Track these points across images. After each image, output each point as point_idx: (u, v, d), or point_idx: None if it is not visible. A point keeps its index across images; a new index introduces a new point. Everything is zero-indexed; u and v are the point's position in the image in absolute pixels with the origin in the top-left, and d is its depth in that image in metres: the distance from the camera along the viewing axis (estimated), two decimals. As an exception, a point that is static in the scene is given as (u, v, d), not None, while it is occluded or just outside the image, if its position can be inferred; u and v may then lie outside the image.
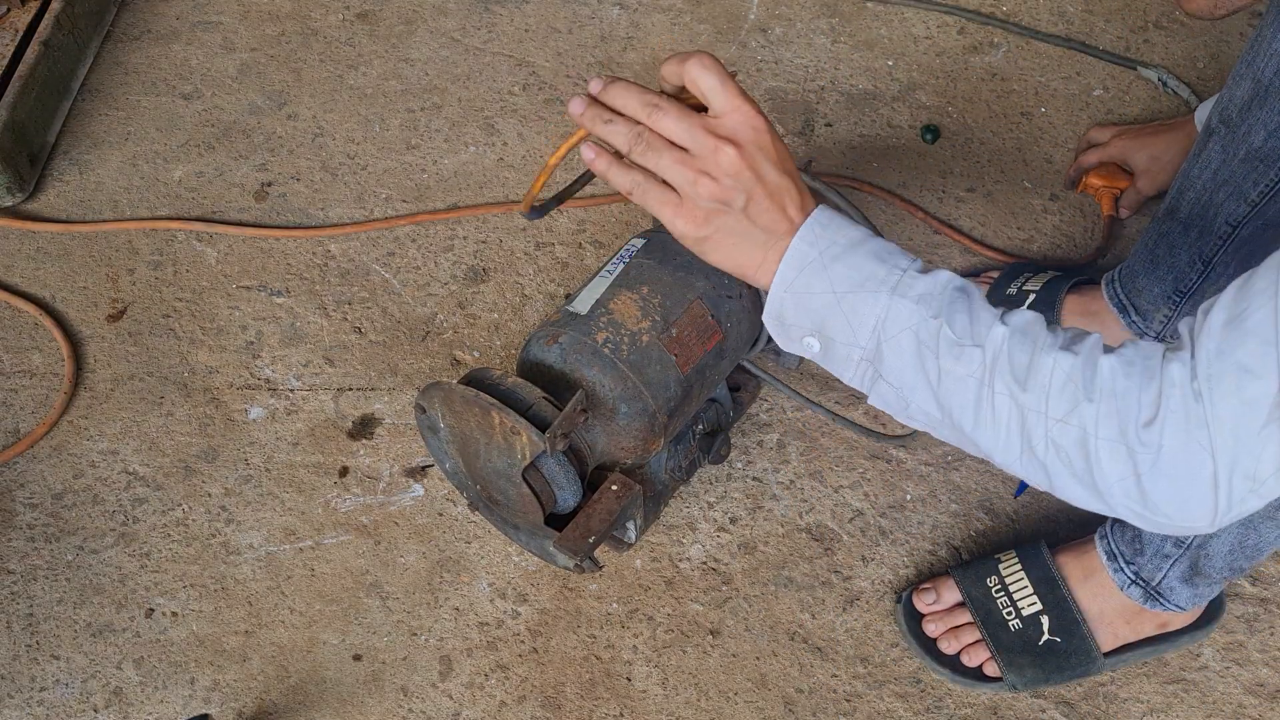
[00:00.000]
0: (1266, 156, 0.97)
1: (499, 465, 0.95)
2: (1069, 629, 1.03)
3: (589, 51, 1.54)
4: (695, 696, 1.07)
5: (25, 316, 1.31)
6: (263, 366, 1.28)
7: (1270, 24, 0.92)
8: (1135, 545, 1.00)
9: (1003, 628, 1.05)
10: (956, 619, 1.07)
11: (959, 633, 1.06)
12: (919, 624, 1.08)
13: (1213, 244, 1.06)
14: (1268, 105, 0.95)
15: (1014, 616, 1.05)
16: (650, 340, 0.99)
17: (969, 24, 1.55)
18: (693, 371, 1.01)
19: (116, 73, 1.54)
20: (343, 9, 1.60)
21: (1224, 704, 1.05)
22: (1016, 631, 1.04)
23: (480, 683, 1.08)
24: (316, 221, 1.39)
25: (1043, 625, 1.03)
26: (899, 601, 1.09)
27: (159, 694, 1.08)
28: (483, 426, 0.94)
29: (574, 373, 0.97)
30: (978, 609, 1.06)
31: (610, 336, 0.98)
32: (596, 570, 1.01)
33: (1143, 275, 1.13)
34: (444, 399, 0.96)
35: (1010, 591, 1.05)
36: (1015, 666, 1.04)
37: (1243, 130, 0.98)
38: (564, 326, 0.99)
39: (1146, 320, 1.16)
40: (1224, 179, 1.02)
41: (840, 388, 1.24)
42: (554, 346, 0.98)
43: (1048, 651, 1.03)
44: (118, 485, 1.19)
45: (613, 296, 1.01)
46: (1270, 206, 1.01)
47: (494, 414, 0.90)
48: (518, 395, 0.94)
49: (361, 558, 1.15)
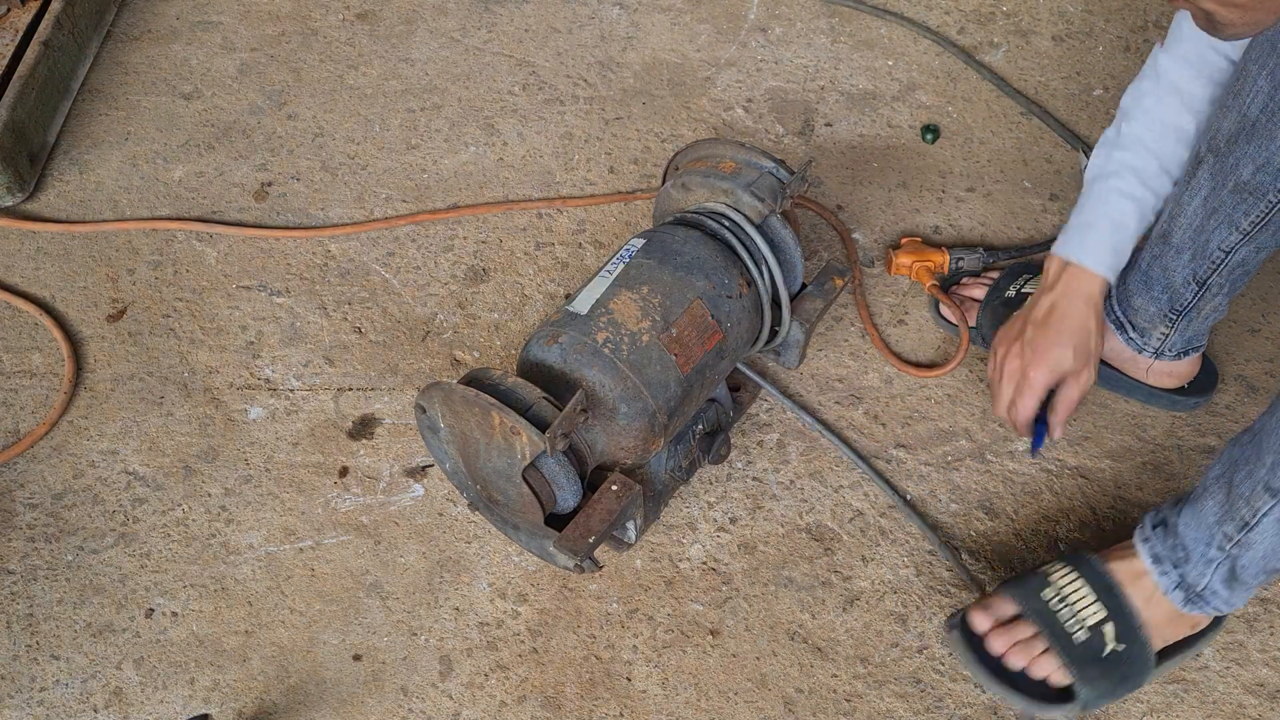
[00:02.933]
0: (1255, 190, 0.99)
1: (499, 465, 0.95)
2: (1132, 635, 1.00)
3: (589, 51, 1.54)
4: (695, 696, 1.07)
5: (25, 316, 1.31)
6: (263, 366, 1.28)
7: (1254, 60, 0.93)
8: (1180, 550, 0.99)
9: (1069, 639, 1.01)
10: (1019, 633, 1.03)
11: (1027, 645, 1.03)
12: (979, 644, 1.04)
13: (1206, 267, 1.07)
14: (1254, 141, 0.96)
15: (1079, 627, 1.01)
16: (650, 340, 0.98)
17: (969, 24, 1.55)
18: (693, 371, 1.01)
19: (116, 73, 1.54)
20: (343, 9, 1.60)
21: (1224, 704, 1.05)
22: (1083, 643, 1.01)
23: (480, 683, 1.08)
24: (316, 221, 1.39)
25: (1106, 634, 1.01)
26: (951, 628, 1.06)
27: (159, 694, 1.08)
28: (483, 426, 0.94)
29: (574, 373, 0.97)
30: (1042, 621, 1.02)
31: (610, 336, 0.97)
32: (596, 570, 1.01)
33: (1138, 296, 1.14)
34: (444, 399, 0.96)
35: (1070, 602, 1.02)
36: (1087, 679, 1.01)
37: (1230, 162, 0.99)
38: (564, 326, 0.99)
39: (1144, 337, 1.16)
40: (1214, 207, 1.03)
41: (838, 388, 1.25)
42: (554, 346, 0.98)
43: (1113, 661, 1.00)
44: (118, 485, 1.19)
45: (613, 296, 1.01)
46: (1262, 234, 1.02)
47: (494, 414, 0.90)
48: (518, 395, 0.94)
49: (361, 558, 1.15)
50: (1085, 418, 1.22)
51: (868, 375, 1.26)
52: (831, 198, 1.40)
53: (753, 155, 1.11)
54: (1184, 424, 1.22)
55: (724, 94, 1.49)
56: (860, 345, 1.28)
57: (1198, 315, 1.12)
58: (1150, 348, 1.17)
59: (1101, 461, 1.20)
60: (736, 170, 1.11)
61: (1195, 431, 1.21)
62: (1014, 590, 1.05)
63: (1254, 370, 1.25)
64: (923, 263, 1.30)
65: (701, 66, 1.52)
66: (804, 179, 1.10)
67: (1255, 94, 0.95)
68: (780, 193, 1.09)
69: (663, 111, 1.48)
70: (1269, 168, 0.96)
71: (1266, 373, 1.25)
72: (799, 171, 1.10)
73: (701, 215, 1.10)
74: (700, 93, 1.49)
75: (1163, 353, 1.17)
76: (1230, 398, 1.24)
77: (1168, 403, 1.22)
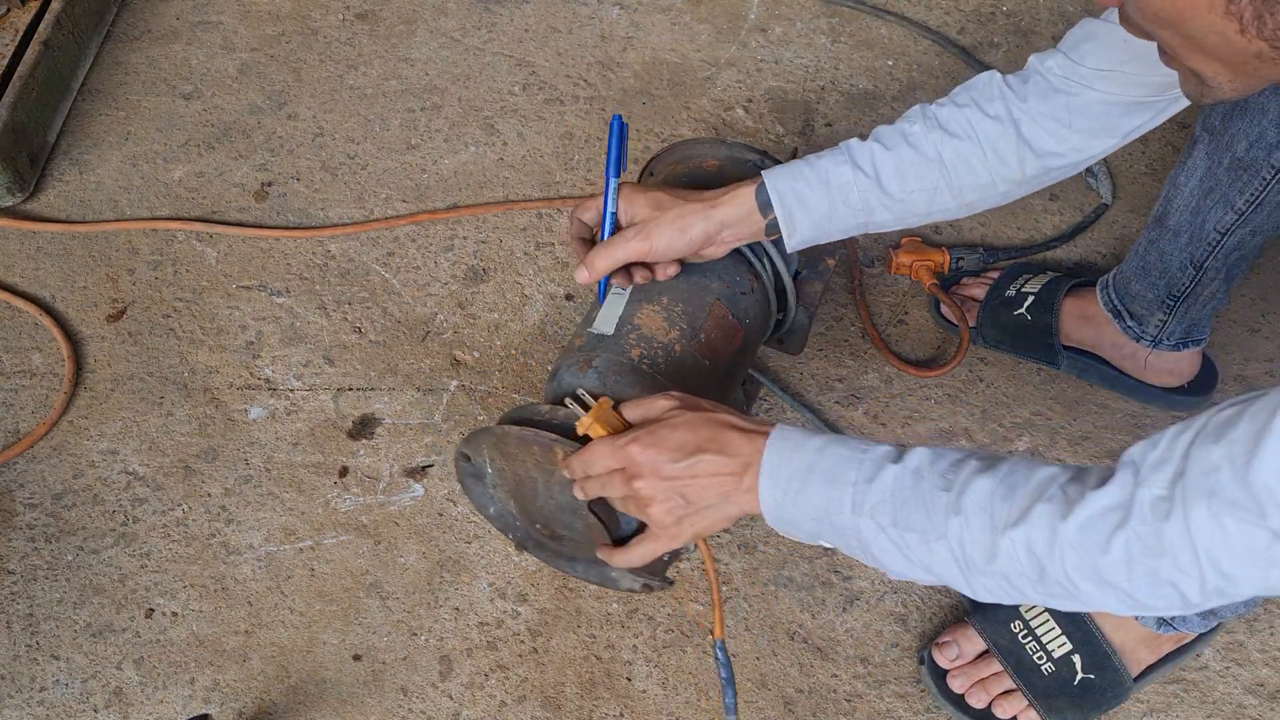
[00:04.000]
0: (1250, 165, 0.99)
1: (561, 500, 0.93)
2: (1101, 664, 1.01)
3: (589, 51, 1.54)
4: (695, 696, 1.07)
5: (25, 316, 1.31)
6: (263, 366, 1.28)
7: None
8: None
9: (1036, 673, 1.02)
10: (983, 670, 1.04)
11: (987, 684, 1.03)
12: (945, 680, 1.04)
13: (1203, 249, 1.07)
14: (1248, 116, 0.96)
15: (1045, 660, 1.02)
16: (683, 349, 0.97)
17: (969, 24, 1.55)
18: (724, 372, 1.01)
19: (116, 73, 1.54)
20: (343, 9, 1.60)
21: (1224, 704, 1.05)
22: (1050, 675, 1.01)
23: (480, 683, 1.08)
24: (316, 221, 1.39)
25: (1075, 665, 1.01)
26: (921, 662, 1.07)
27: (159, 694, 1.08)
28: (542, 464, 0.92)
29: (615, 395, 0.95)
30: (1007, 657, 1.03)
31: (645, 352, 0.96)
32: (668, 588, 1.01)
33: (1136, 282, 1.14)
34: (495, 443, 0.93)
35: (1037, 635, 1.03)
36: (1055, 711, 1.01)
37: (1225, 139, 0.99)
38: (594, 350, 0.97)
39: (1142, 325, 1.16)
40: (1210, 186, 1.03)
41: (839, 388, 1.25)
42: (589, 371, 0.95)
43: (1083, 690, 1.01)
44: (118, 485, 1.20)
45: (635, 312, 0.99)
46: (1256, 215, 1.02)
47: (557, 449, 0.88)
48: (571, 425, 0.90)
49: (361, 558, 1.15)
50: (1085, 418, 1.22)
51: (868, 375, 1.26)
52: (831, 198, 1.40)
53: (735, 150, 1.10)
54: (1184, 424, 1.22)
55: (724, 94, 1.49)
56: (860, 345, 1.28)
57: (1196, 301, 1.12)
58: (1149, 335, 1.16)
59: (1101, 461, 1.20)
60: (722, 168, 1.10)
61: (1195, 431, 1.21)
62: (982, 623, 1.05)
63: (1254, 370, 1.25)
64: (923, 262, 1.30)
65: (701, 66, 1.52)
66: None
67: None
68: None
69: (663, 111, 1.48)
70: (1262, 142, 0.96)
71: (1266, 373, 1.25)
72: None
73: None
74: (700, 93, 1.49)
75: (1161, 340, 1.16)
76: (1230, 398, 1.23)
77: (1167, 402, 1.22)
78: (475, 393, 1.25)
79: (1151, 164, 1.41)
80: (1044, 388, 1.25)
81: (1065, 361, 1.23)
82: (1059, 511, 0.68)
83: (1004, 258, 1.33)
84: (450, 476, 1.19)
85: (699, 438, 0.80)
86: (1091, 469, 0.71)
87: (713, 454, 0.79)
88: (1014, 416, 1.23)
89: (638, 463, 0.80)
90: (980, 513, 0.70)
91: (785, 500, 0.78)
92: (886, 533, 0.74)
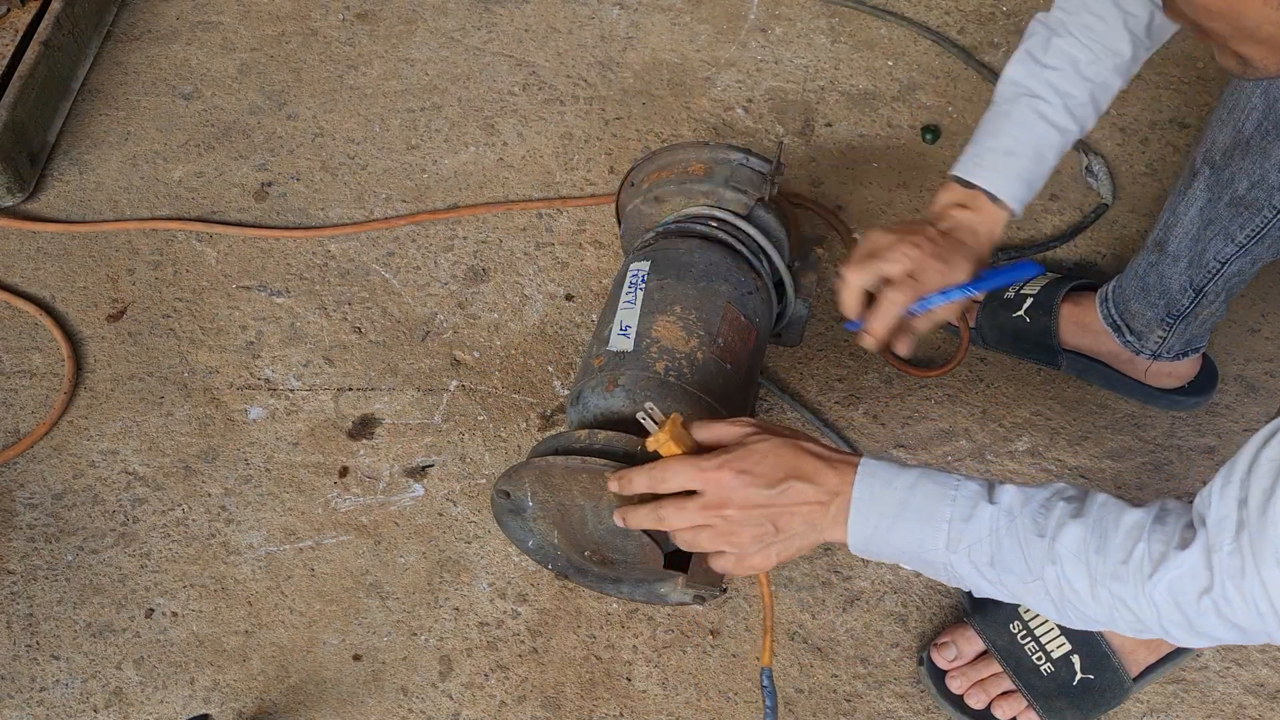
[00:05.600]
0: (1251, 204, 0.99)
1: (611, 523, 0.92)
2: (1100, 664, 1.01)
3: (589, 51, 1.54)
4: (695, 696, 1.07)
5: (25, 316, 1.31)
6: (263, 366, 1.28)
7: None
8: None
9: (1035, 674, 1.02)
10: (982, 671, 1.04)
11: (986, 685, 1.03)
12: (944, 681, 1.04)
13: (1203, 275, 1.07)
14: (1249, 157, 0.96)
15: (1044, 661, 1.02)
16: (705, 356, 0.97)
17: (969, 24, 1.55)
18: (743, 374, 1.01)
19: (116, 73, 1.54)
20: (343, 9, 1.60)
21: (1224, 704, 1.05)
22: (1049, 676, 1.01)
23: (480, 683, 1.08)
24: (316, 221, 1.39)
25: (1075, 665, 1.01)
26: (921, 663, 1.07)
27: (159, 694, 1.08)
28: (589, 491, 0.91)
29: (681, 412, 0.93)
30: (1006, 658, 1.02)
31: (669, 364, 0.96)
32: (721, 596, 1.01)
33: (1135, 301, 1.14)
34: (538, 476, 0.93)
35: (1036, 635, 1.02)
36: (1054, 711, 1.01)
37: (1226, 176, 0.99)
38: (618, 368, 0.96)
39: (1141, 340, 1.16)
40: (1210, 218, 1.03)
41: (839, 388, 1.25)
42: (616, 390, 0.95)
43: (1082, 691, 1.01)
44: (118, 485, 1.19)
45: (651, 325, 0.98)
46: (1257, 247, 1.03)
47: (607, 474, 0.87)
48: (615, 448, 0.90)
49: (361, 558, 1.15)
50: (1085, 418, 1.22)
51: (868, 375, 1.26)
52: (831, 198, 1.40)
53: (719, 151, 1.10)
54: (1184, 424, 1.22)
55: (724, 94, 1.49)
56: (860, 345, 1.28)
57: (1195, 319, 1.12)
58: (1148, 350, 1.17)
59: (1102, 461, 1.20)
60: (708, 170, 1.09)
61: (1195, 431, 1.21)
62: (981, 624, 1.05)
63: (1254, 370, 1.25)
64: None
65: (701, 66, 1.52)
66: (781, 165, 1.09)
67: (1250, 111, 0.95)
68: (761, 181, 1.08)
69: (663, 111, 1.48)
70: (1264, 184, 0.97)
71: (1266, 373, 1.25)
72: (775, 158, 1.08)
73: (687, 223, 1.09)
74: (700, 93, 1.49)
75: (1160, 354, 1.17)
76: (1230, 398, 1.24)
77: (1167, 403, 1.22)
78: (475, 393, 1.25)
79: (1151, 164, 1.41)
80: (1044, 388, 1.25)
81: (1065, 362, 1.23)
82: (1146, 572, 0.71)
83: (1004, 258, 1.32)
84: (450, 476, 1.19)
85: (788, 465, 0.79)
86: (1170, 512, 0.74)
87: (802, 482, 0.79)
88: (1014, 416, 1.23)
89: (728, 488, 0.79)
90: (1075, 562, 0.73)
91: (875, 536, 0.79)
92: (982, 571, 0.77)
